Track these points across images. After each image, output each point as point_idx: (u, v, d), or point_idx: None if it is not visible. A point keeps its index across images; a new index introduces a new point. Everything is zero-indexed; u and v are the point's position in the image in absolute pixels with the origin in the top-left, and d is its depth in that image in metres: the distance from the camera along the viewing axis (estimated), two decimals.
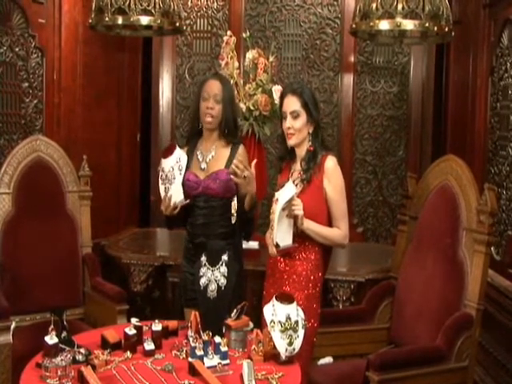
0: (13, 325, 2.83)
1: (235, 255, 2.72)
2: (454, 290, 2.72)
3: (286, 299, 2.32)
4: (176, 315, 2.85)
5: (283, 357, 2.23)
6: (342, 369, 2.87)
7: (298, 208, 2.49)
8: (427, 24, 3.25)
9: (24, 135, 3.65)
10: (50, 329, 2.24)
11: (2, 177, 3.28)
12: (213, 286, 2.54)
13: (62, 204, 3.48)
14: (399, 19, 3.24)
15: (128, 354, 2.26)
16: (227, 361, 2.21)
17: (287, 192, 2.49)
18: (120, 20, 3.53)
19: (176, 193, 2.72)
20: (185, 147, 2.90)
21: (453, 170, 2.88)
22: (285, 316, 2.26)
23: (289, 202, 2.48)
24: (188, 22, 4.61)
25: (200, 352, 2.19)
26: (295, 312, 2.30)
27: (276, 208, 2.50)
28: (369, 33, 3.65)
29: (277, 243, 2.52)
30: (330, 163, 2.61)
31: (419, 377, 2.51)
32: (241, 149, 2.84)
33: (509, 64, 3.39)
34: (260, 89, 3.59)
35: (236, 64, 3.64)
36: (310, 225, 2.55)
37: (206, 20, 4.65)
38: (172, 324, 2.51)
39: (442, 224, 2.86)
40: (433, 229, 2.91)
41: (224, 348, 2.24)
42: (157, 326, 2.38)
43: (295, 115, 2.60)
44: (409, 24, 3.27)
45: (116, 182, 4.54)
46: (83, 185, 3.54)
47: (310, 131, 2.63)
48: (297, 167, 2.68)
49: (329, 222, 2.62)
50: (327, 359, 2.91)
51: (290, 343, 2.23)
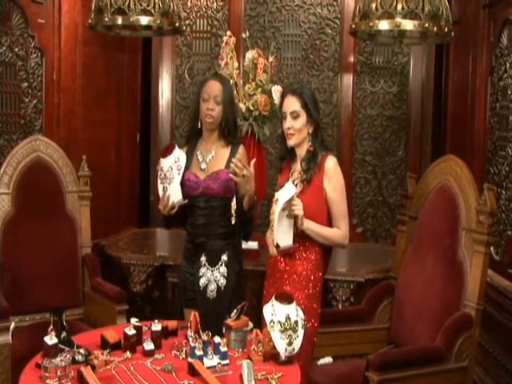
0: (12, 325, 2.83)
1: (235, 255, 2.72)
2: (454, 290, 2.72)
3: (286, 299, 2.32)
4: (176, 315, 2.85)
5: (283, 357, 2.23)
6: (342, 369, 2.86)
7: (298, 208, 2.49)
8: (427, 24, 3.24)
9: (23, 135, 3.65)
10: (50, 329, 2.23)
11: (2, 177, 3.28)
12: (212, 286, 2.54)
13: (62, 204, 3.47)
14: (399, 19, 3.23)
15: (127, 354, 2.25)
16: (227, 361, 2.21)
17: (287, 192, 2.49)
18: (119, 20, 3.53)
19: (174, 192, 2.72)
20: (184, 147, 2.91)
21: (452, 170, 2.88)
22: (284, 316, 2.26)
23: (289, 202, 2.48)
24: (187, 22, 4.61)
25: (200, 352, 2.19)
26: (295, 312, 2.30)
27: (276, 208, 2.50)
28: (368, 33, 3.65)
29: (277, 244, 2.52)
30: (330, 163, 2.61)
31: (419, 377, 2.51)
32: (241, 149, 2.85)
33: (508, 64, 3.39)
34: (259, 89, 3.59)
35: (235, 64, 3.64)
36: (310, 225, 2.55)
37: (206, 20, 4.65)
38: (172, 324, 2.51)
39: (442, 224, 2.86)
40: (432, 229, 2.91)
41: (224, 348, 2.23)
42: (156, 326, 2.38)
43: (295, 115, 2.60)
44: (408, 24, 3.27)
45: (116, 182, 4.54)
46: (83, 185, 3.54)
47: (310, 131, 2.63)
48: (297, 167, 2.68)
49: (329, 222, 2.62)
50: (327, 359, 2.91)
51: (290, 343, 2.23)
